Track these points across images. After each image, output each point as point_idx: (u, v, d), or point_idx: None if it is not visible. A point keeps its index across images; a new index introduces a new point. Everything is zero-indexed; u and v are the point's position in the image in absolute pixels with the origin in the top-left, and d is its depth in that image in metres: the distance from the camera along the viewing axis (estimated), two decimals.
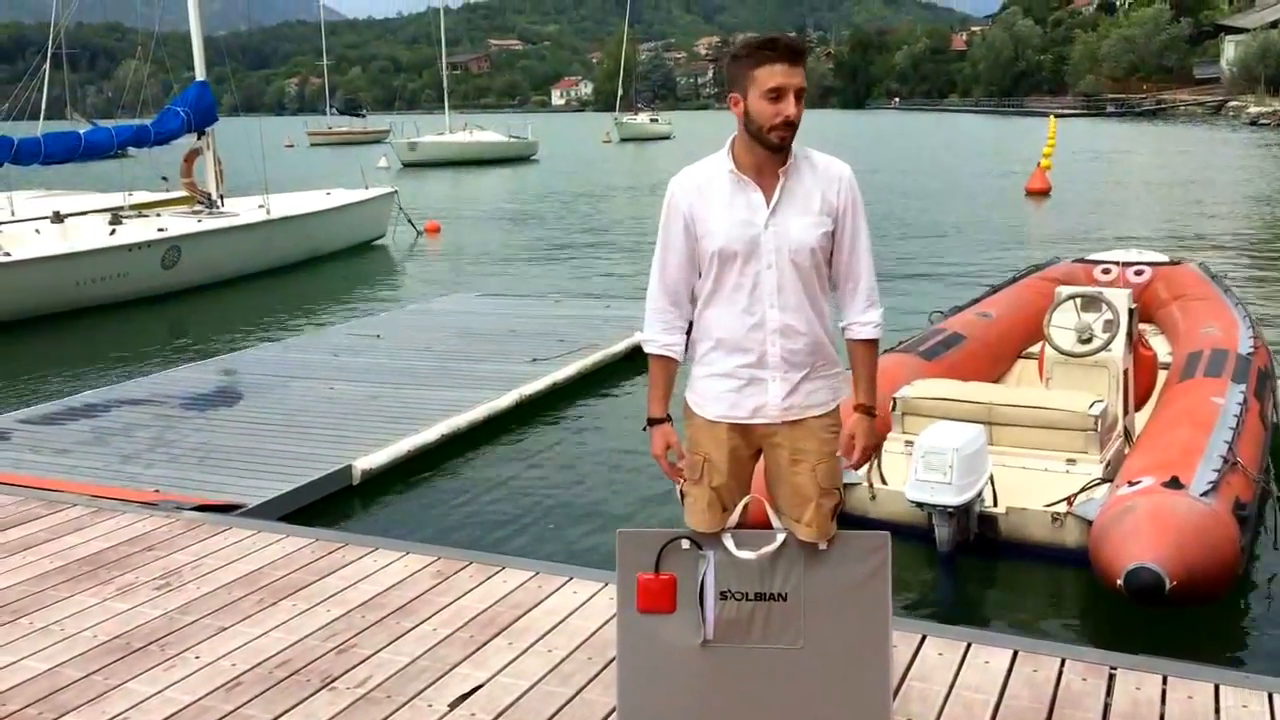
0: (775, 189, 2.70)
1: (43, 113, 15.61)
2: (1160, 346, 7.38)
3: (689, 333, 2.87)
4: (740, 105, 2.67)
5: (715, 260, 2.72)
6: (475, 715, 3.33)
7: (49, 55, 15.55)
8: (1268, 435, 5.88)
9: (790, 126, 2.64)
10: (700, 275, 2.80)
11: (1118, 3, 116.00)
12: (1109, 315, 6.25)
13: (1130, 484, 4.81)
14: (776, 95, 2.62)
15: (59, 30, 15.99)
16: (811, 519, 2.75)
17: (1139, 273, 8.49)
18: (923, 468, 5.05)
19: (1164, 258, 8.98)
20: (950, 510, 5.02)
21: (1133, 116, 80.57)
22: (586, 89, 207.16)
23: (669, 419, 2.86)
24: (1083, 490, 5.21)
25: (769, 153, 2.69)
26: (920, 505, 5.08)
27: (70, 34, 17.46)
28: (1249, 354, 6.63)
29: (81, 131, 14.10)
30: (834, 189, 2.75)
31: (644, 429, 2.88)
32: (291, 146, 61.15)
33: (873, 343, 2.88)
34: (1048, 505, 5.16)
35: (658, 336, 2.86)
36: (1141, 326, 6.74)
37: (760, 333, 2.72)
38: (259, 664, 3.68)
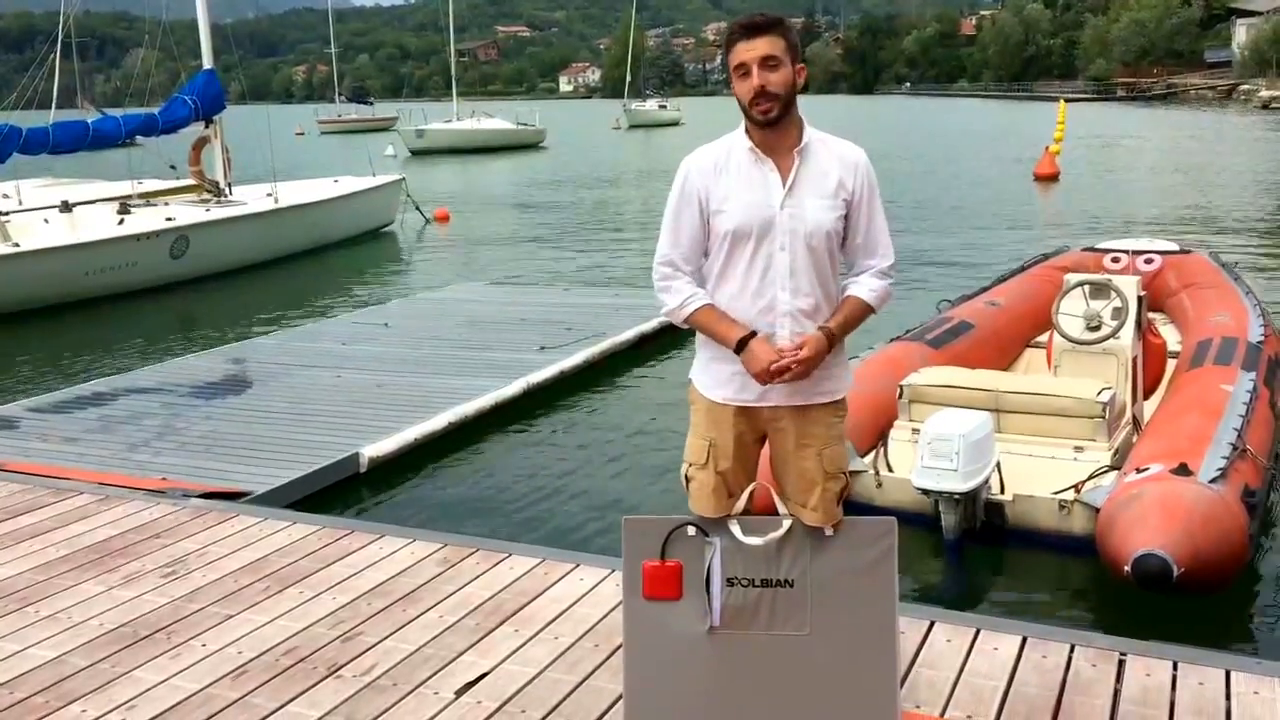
0: (791, 170, 2.70)
1: (54, 102, 15.61)
2: (1170, 335, 7.34)
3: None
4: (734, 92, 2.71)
5: (728, 240, 2.71)
6: (481, 703, 3.32)
7: (59, 44, 15.53)
8: (1277, 424, 5.84)
9: (764, 96, 2.63)
10: (708, 256, 2.78)
11: None
12: (1118, 303, 6.22)
13: (1138, 471, 4.78)
14: (743, 71, 2.65)
15: (67, 19, 15.97)
16: (817, 503, 2.74)
17: (1148, 261, 8.45)
18: (929, 454, 5.01)
19: (1174, 246, 8.93)
20: (957, 497, 4.99)
21: (1143, 101, 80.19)
22: (594, 76, 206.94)
23: (754, 333, 2.69)
24: (1090, 478, 5.18)
25: (776, 132, 2.69)
26: (926, 492, 5.05)
27: (78, 23, 17.45)
28: (1259, 342, 6.60)
29: (90, 120, 14.10)
30: (850, 173, 2.75)
31: (737, 352, 2.69)
32: (302, 134, 61.33)
33: (865, 304, 2.78)
34: (1055, 493, 5.13)
35: (685, 290, 2.76)
36: (1151, 315, 6.71)
37: (770, 315, 2.70)
38: (265, 652, 3.68)
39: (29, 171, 17.07)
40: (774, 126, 2.68)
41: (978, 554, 5.19)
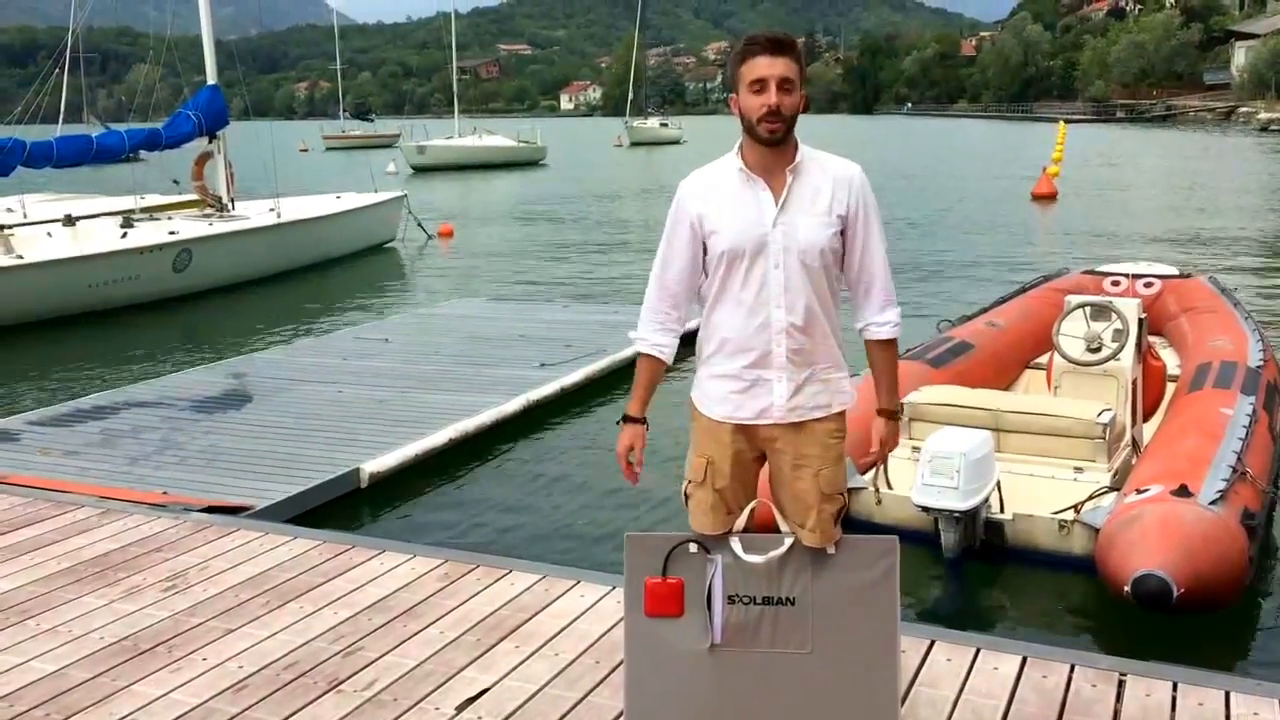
0: (784, 188, 2.71)
1: (61, 116, 15.68)
2: (1169, 359, 7.35)
3: (690, 338, 2.87)
4: (736, 104, 2.71)
5: (723, 260, 2.72)
6: (482, 719, 3.33)
7: (66, 59, 15.60)
8: (1277, 447, 5.85)
9: (776, 116, 2.64)
10: (705, 277, 2.80)
11: (1128, 8, 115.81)
12: (1118, 325, 6.24)
13: (1138, 492, 4.79)
14: (759, 87, 2.64)
15: (75, 34, 16.04)
16: (815, 524, 2.75)
17: (1148, 285, 8.47)
18: (929, 472, 5.02)
19: (1173, 270, 8.95)
20: (957, 515, 5.00)
21: (1142, 122, 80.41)
22: (595, 94, 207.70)
23: (644, 421, 2.89)
24: (1090, 498, 5.19)
25: (772, 151, 2.70)
26: (926, 510, 5.06)
27: (82, 37, 17.52)
28: (1258, 366, 6.61)
29: (94, 135, 14.13)
30: (844, 190, 2.75)
31: (616, 424, 2.91)
32: (306, 150, 61.52)
33: (892, 343, 2.88)
34: (1055, 513, 5.14)
35: (649, 335, 2.87)
36: (1150, 339, 6.72)
37: (766, 333, 2.72)
38: (266, 666, 3.68)
39: (32, 186, 17.12)
40: (774, 146, 2.69)
41: (977, 572, 5.20)
